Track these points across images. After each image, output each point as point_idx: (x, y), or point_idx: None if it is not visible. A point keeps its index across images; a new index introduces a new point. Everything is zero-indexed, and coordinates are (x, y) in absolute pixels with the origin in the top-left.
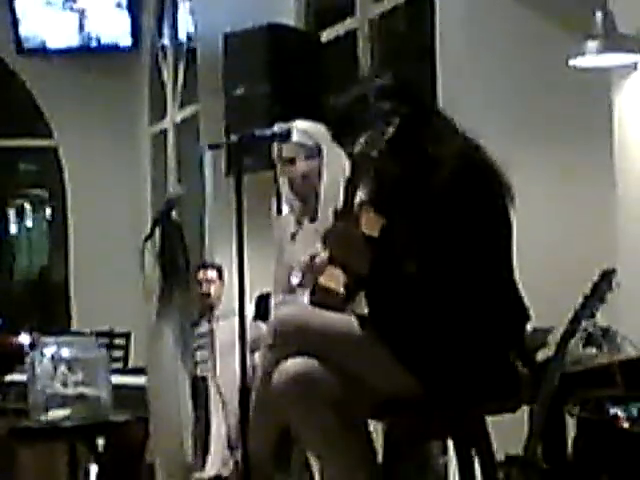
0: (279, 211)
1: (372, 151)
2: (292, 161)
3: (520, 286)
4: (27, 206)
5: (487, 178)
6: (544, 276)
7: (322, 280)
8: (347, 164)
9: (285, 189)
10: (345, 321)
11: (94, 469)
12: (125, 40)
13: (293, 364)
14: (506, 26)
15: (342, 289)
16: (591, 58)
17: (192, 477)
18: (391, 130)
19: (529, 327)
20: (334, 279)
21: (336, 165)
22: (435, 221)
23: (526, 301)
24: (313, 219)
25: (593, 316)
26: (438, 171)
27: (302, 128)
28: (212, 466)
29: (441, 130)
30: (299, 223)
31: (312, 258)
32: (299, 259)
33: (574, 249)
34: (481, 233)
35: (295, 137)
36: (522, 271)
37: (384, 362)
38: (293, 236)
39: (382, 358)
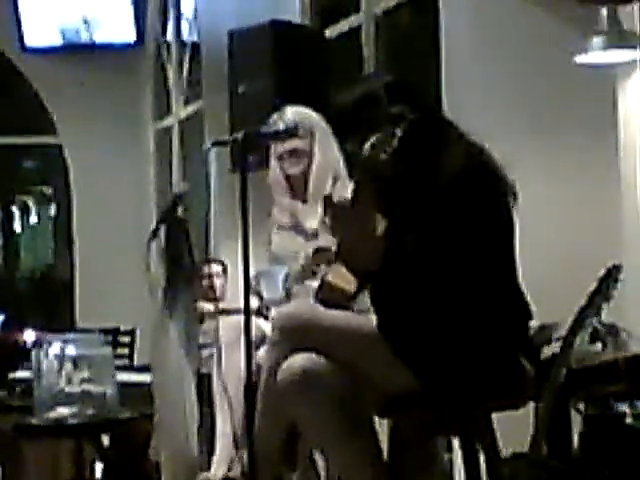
0: None
1: (380, 153)
2: (283, 140)
3: (525, 283)
4: (31, 204)
5: (491, 179)
6: (550, 272)
7: (329, 277)
8: (339, 154)
9: (274, 172)
10: (349, 318)
11: (99, 466)
12: (129, 37)
13: (297, 360)
14: (511, 23)
15: (349, 287)
16: (596, 54)
17: (197, 476)
18: (399, 133)
19: (535, 324)
20: (341, 277)
21: (329, 150)
22: (440, 222)
23: (529, 298)
24: (301, 201)
25: (599, 313)
26: (444, 174)
27: (294, 110)
28: (218, 465)
29: (447, 133)
30: (285, 210)
31: (316, 250)
32: (284, 245)
33: (580, 245)
34: (485, 233)
35: (288, 116)
36: (528, 267)
37: (389, 359)
38: (280, 226)
39: (387, 355)
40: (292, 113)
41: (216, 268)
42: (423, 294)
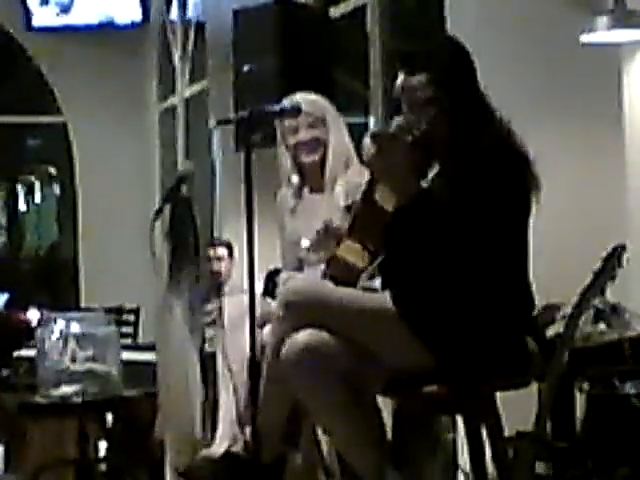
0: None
1: (407, 135)
2: (296, 130)
3: (531, 262)
4: (36, 182)
5: (519, 165)
6: (555, 252)
7: (340, 253)
8: (348, 138)
9: (286, 160)
10: (355, 294)
11: (103, 445)
12: (134, 16)
13: (303, 336)
14: (516, 1)
15: (359, 262)
16: (601, 34)
17: (200, 453)
18: (428, 118)
19: (540, 303)
20: (351, 252)
21: (341, 136)
22: (461, 200)
23: (533, 278)
24: (315, 189)
25: (603, 292)
26: (470, 156)
27: (306, 98)
28: (219, 442)
29: (476, 115)
30: (298, 197)
31: (327, 228)
32: (302, 234)
33: (585, 225)
34: (506, 215)
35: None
36: (534, 247)
37: (394, 337)
38: (292, 210)
39: (392, 333)
40: (302, 100)
41: (220, 251)
42: (432, 270)
